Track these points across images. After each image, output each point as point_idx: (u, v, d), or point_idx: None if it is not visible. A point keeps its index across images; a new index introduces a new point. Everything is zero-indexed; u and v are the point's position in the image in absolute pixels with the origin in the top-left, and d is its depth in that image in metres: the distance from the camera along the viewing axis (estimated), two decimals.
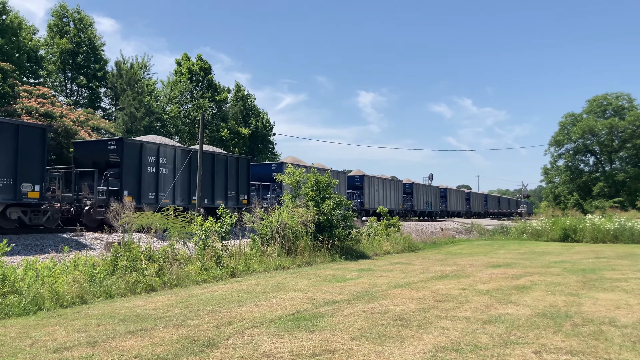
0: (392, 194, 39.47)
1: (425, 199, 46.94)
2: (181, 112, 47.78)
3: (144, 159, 17.72)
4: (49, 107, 29.72)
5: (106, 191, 16.31)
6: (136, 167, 17.41)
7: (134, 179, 17.30)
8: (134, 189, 17.25)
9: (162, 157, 18.47)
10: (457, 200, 56.86)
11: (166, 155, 18.68)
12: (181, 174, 19.16)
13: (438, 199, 50.68)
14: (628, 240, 24.79)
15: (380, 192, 37.24)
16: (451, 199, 54.49)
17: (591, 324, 6.57)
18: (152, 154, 18.04)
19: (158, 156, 18.27)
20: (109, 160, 17.18)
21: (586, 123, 70.88)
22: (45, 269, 8.66)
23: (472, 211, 62.35)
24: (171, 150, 19.08)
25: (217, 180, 21.02)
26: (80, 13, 44.19)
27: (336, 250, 15.81)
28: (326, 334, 6.05)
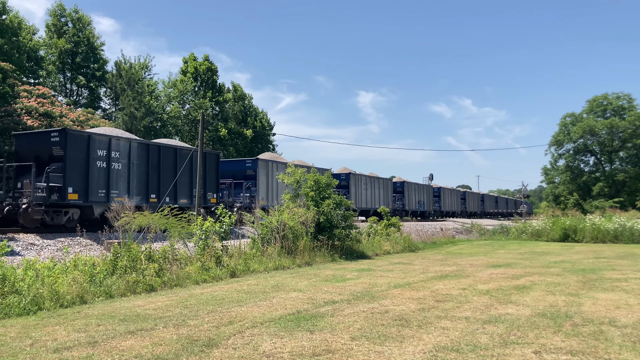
0: (381, 192, 37.93)
1: (418, 198, 45.62)
2: (181, 113, 47.78)
3: (93, 153, 16.05)
4: (48, 107, 29.72)
5: (46, 188, 14.74)
6: (83, 161, 15.76)
7: (80, 175, 15.65)
8: (81, 186, 15.64)
9: (115, 150, 16.82)
10: (452, 200, 55.57)
11: (119, 148, 17.03)
12: (137, 170, 17.62)
13: (431, 198, 49.30)
14: (628, 240, 24.79)
15: (367, 191, 35.71)
16: (445, 198, 53.15)
17: (591, 324, 6.57)
18: (102, 147, 16.40)
19: (110, 150, 16.63)
20: (52, 154, 15.57)
21: (586, 123, 70.92)
22: (45, 269, 8.67)
23: (467, 211, 61.21)
24: (125, 144, 17.36)
25: (181, 177, 19.49)
26: (79, 12, 44.20)
27: (336, 250, 15.81)
28: (326, 334, 6.05)
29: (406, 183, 43.52)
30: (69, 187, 15.30)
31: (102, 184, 16.37)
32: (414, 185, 45.46)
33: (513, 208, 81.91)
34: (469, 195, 63.22)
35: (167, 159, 19.00)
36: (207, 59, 50.23)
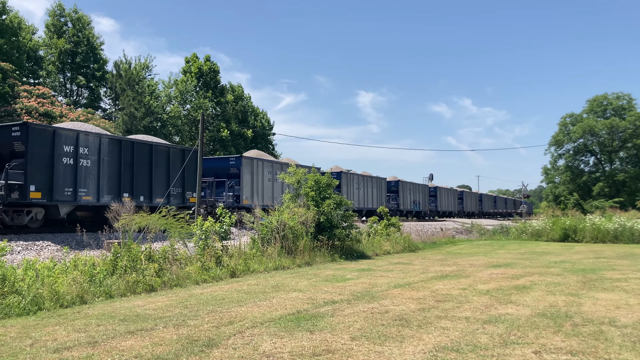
0: (374, 192, 36.81)
1: (413, 197, 44.39)
2: (181, 113, 47.79)
3: (58, 149, 15.03)
4: (48, 107, 29.74)
5: (5, 186, 13.87)
6: (47, 157, 14.78)
7: (44, 172, 14.66)
8: (44, 184, 14.66)
9: (83, 146, 15.78)
10: (449, 200, 54.34)
11: (88, 144, 15.99)
12: (108, 167, 16.65)
13: (427, 198, 47.90)
14: (628, 240, 24.79)
15: (360, 190, 34.56)
16: (442, 198, 52.02)
17: (591, 324, 6.57)
18: (69, 143, 15.38)
19: (77, 145, 15.57)
20: (13, 150, 14.72)
21: (586, 123, 70.95)
22: (45, 269, 8.67)
23: (465, 211, 60.00)
24: (95, 139, 16.32)
25: (157, 175, 18.42)
26: (78, 12, 44.20)
27: (336, 250, 15.80)
28: (326, 334, 6.05)
29: (401, 182, 42.49)
30: (31, 185, 14.32)
31: (69, 181, 15.36)
32: (409, 185, 44.43)
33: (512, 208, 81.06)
34: (467, 195, 62.18)
35: (142, 155, 17.90)
36: (208, 59, 50.27)
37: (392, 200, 40.76)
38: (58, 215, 15.36)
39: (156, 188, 18.39)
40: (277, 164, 26.33)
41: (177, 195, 19.32)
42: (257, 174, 24.44)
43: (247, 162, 23.99)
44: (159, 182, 18.59)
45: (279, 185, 25.71)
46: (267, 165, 25.19)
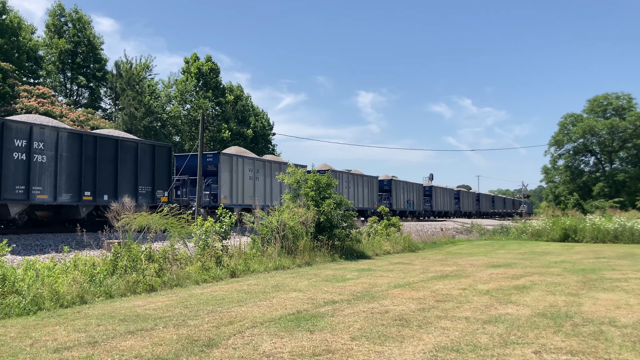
0: (365, 191, 35.39)
1: (406, 197, 43.07)
2: (181, 113, 47.80)
3: (8, 143, 14.02)
4: (48, 107, 29.74)
5: None
6: None
7: None
8: None
9: (38, 140, 14.72)
10: (445, 199, 52.87)
11: (44, 138, 14.93)
12: (68, 163, 15.53)
13: (421, 197, 46.76)
14: (628, 240, 24.78)
15: (350, 190, 33.23)
16: (437, 197, 50.56)
17: (591, 324, 6.57)
18: (21, 137, 14.35)
19: (31, 139, 14.54)
20: None
21: (586, 123, 70.96)
22: (45, 269, 8.66)
23: (462, 211, 58.74)
24: (52, 133, 15.20)
25: (123, 172, 17.16)
26: (78, 12, 44.19)
27: (336, 250, 15.80)
28: (326, 334, 6.05)
29: (394, 181, 41.24)
30: None
31: (21, 178, 14.27)
32: (402, 184, 43.06)
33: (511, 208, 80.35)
34: (463, 194, 60.89)
35: (106, 151, 16.69)
36: (209, 60, 50.27)
37: (384, 200, 39.64)
38: (8, 215, 14.34)
39: (122, 186, 17.12)
40: (260, 162, 25.11)
41: (146, 194, 18.09)
42: (238, 171, 23.18)
43: (225, 159, 22.62)
44: (126, 180, 17.33)
45: (261, 184, 24.58)
46: (248, 162, 23.90)
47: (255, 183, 24.23)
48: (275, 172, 24.72)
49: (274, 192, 25.62)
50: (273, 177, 25.18)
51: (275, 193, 25.56)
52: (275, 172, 24.72)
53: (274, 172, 24.96)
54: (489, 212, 69.69)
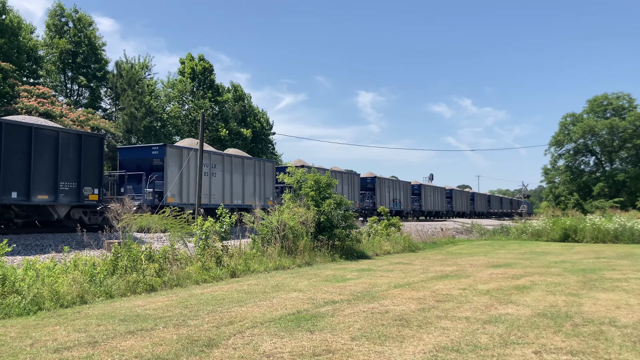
0: (345, 189, 32.62)
1: (392, 196, 40.40)
2: (182, 113, 47.83)
3: None
4: (48, 107, 29.74)
5: None
6: None
7: None
8: None
9: None
10: (435, 199, 50.15)
11: None
12: None
13: (409, 196, 44.05)
14: (628, 240, 24.78)
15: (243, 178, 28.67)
16: (427, 196, 47.93)
17: (591, 324, 6.57)
18: None
19: None
20: None
21: (586, 123, 70.96)
22: (46, 269, 8.67)
23: (454, 211, 56.06)
24: None
25: (39, 166, 14.80)
26: (79, 12, 44.20)
27: (336, 250, 15.81)
28: (326, 334, 6.05)
29: (377, 179, 38.49)
30: None
31: None
32: (388, 182, 40.29)
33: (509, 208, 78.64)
34: (456, 193, 58.01)
35: (16, 141, 14.35)
36: (202, 59, 50.19)
37: (368, 199, 37.63)
38: None
39: (38, 182, 14.88)
40: (217, 156, 22.25)
41: (69, 191, 15.77)
42: (189, 166, 20.50)
43: (173, 153, 20.04)
44: (43, 175, 15.04)
45: (219, 180, 21.73)
46: (205, 157, 20.83)
47: (211, 179, 21.46)
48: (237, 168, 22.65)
49: (235, 189, 22.61)
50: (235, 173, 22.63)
51: (237, 190, 22.66)
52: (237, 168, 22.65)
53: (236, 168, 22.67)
54: (485, 212, 67.40)
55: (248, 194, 23.68)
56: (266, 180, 25.02)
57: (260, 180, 24.60)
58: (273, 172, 25.42)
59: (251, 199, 23.48)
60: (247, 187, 23.60)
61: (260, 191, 24.54)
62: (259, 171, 24.57)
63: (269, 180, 25.19)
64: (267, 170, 25.22)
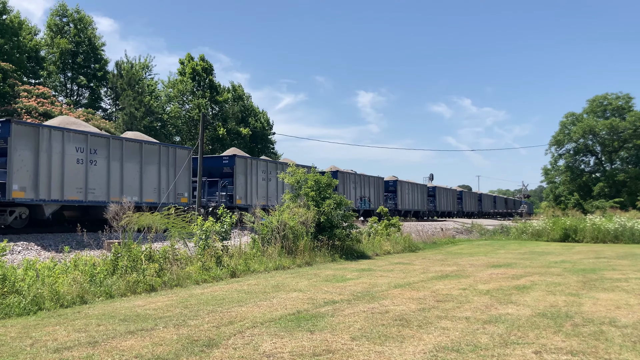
0: None
1: (360, 193, 35.43)
2: (182, 113, 47.84)
3: None
4: (48, 107, 29.74)
5: None
6: None
7: None
8: None
9: None
10: (415, 197, 44.72)
11: None
12: None
13: (381, 194, 39.02)
14: (628, 240, 24.78)
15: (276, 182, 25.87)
16: (404, 194, 42.59)
17: (591, 324, 6.57)
18: None
19: None
20: None
21: (587, 123, 70.97)
22: (46, 269, 8.66)
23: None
24: None
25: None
26: (80, 13, 44.22)
27: (336, 250, 15.81)
28: (326, 334, 6.05)
29: (340, 173, 33.07)
30: None
31: None
32: (354, 177, 35.23)
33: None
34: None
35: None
36: (202, 59, 50.26)
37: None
38: None
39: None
40: (99, 139, 17.40)
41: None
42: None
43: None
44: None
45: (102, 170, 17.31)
46: (76, 141, 16.55)
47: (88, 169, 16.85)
48: (131, 155, 18.11)
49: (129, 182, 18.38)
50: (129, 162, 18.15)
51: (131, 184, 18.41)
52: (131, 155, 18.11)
53: (130, 155, 18.18)
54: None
55: (149, 188, 18.78)
56: (179, 172, 19.96)
57: (169, 172, 19.49)
58: (189, 161, 20.62)
59: (154, 195, 18.76)
60: (147, 180, 18.66)
61: (168, 186, 19.45)
62: (167, 160, 19.53)
63: (184, 172, 20.27)
64: (180, 159, 20.09)
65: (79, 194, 16.17)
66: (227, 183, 22.46)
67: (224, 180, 22.52)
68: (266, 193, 24.67)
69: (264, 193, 24.43)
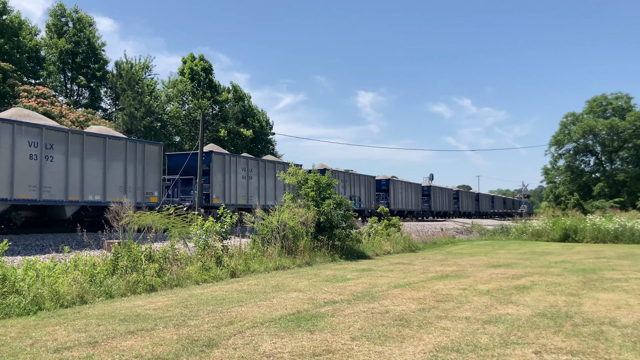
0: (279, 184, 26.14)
1: (350, 192, 34.12)
2: (182, 113, 47.83)
3: None
4: (48, 107, 29.73)
5: None
6: None
7: None
8: None
9: None
10: (408, 196, 43.62)
11: None
12: None
13: (373, 193, 37.68)
14: (628, 240, 24.77)
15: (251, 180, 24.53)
16: (397, 194, 41.32)
17: (592, 324, 6.57)
18: None
19: None
20: None
21: (586, 123, 70.95)
22: (46, 269, 8.66)
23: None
24: None
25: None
26: (79, 13, 44.21)
27: (336, 250, 15.80)
28: (326, 334, 6.04)
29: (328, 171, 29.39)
30: None
31: None
32: (343, 175, 33.43)
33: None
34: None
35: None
36: (202, 59, 50.25)
37: None
38: None
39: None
40: (56, 133, 16.34)
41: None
42: None
43: None
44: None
45: (59, 167, 16.30)
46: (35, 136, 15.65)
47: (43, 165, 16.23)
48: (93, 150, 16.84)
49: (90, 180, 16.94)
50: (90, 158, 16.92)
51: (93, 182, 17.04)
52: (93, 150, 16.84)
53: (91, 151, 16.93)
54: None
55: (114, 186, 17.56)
56: (147, 170, 18.73)
57: (137, 169, 18.38)
58: (160, 158, 19.57)
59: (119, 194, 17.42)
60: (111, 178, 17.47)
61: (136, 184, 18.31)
62: (134, 157, 18.29)
63: (154, 169, 19.10)
64: (150, 156, 18.98)
65: (32, 192, 14.95)
66: (204, 181, 21.24)
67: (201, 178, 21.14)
68: (246, 192, 23.28)
69: (244, 192, 23.02)
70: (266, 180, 25.06)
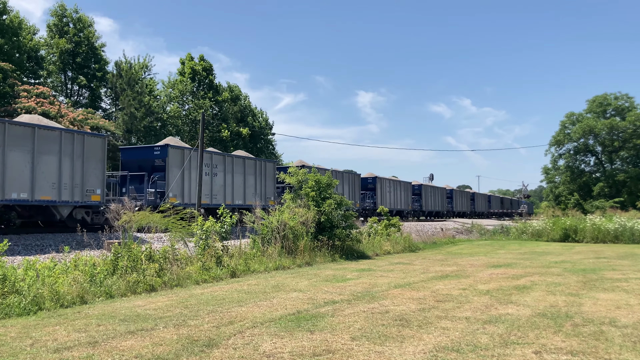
0: (266, 182, 25.09)
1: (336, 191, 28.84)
2: (182, 113, 47.85)
3: None
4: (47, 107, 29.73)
5: None
6: None
7: None
8: None
9: None
10: (397, 195, 41.29)
11: None
12: None
13: (357, 191, 35.21)
14: (628, 240, 24.77)
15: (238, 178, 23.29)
16: (384, 192, 39.10)
17: (592, 324, 6.57)
18: None
19: None
20: None
21: (587, 123, 70.97)
22: (46, 269, 8.67)
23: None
24: None
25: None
26: (79, 13, 44.21)
27: (336, 250, 15.81)
28: (326, 334, 6.05)
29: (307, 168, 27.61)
30: None
31: None
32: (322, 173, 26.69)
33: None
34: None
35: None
36: (202, 59, 50.24)
37: None
38: None
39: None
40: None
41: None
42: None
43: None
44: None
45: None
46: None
47: None
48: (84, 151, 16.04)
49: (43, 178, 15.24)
50: None
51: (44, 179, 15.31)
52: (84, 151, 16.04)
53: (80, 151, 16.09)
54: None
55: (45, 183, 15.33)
56: (88, 165, 16.54)
57: (74, 164, 16.26)
58: (104, 152, 17.48)
59: (51, 191, 15.59)
60: (42, 174, 15.27)
61: (73, 181, 16.16)
62: (72, 150, 16.03)
63: (97, 164, 16.95)
64: (91, 149, 16.88)
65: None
66: (158, 178, 19.20)
67: (155, 174, 19.27)
68: (210, 190, 21.09)
69: (207, 190, 20.78)
70: (234, 177, 22.68)
